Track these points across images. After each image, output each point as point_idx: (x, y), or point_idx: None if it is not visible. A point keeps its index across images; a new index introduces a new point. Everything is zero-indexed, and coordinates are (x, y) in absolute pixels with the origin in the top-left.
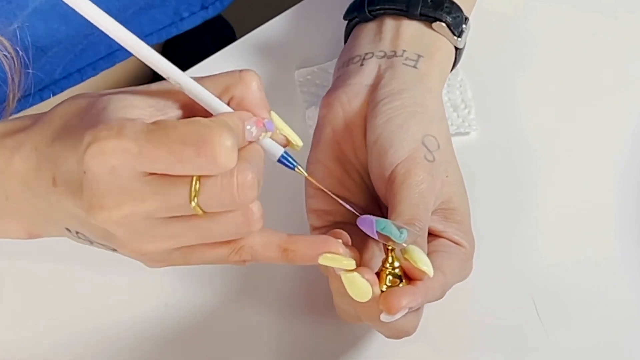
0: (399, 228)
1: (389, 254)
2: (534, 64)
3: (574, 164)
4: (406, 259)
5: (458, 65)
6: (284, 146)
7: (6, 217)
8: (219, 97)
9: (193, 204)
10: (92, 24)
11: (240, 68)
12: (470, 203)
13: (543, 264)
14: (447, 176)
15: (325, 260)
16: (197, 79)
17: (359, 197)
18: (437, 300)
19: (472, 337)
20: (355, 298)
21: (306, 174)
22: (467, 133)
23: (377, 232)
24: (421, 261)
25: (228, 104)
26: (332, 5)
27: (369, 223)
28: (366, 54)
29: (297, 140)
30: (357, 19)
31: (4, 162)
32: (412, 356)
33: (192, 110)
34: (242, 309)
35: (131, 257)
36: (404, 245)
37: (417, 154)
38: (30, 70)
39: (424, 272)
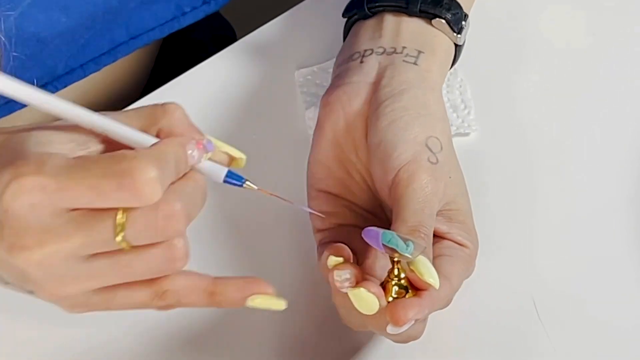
0: (404, 240)
1: (395, 266)
2: (534, 64)
3: (574, 164)
4: (412, 271)
5: (457, 66)
6: (228, 165)
7: None
8: (145, 131)
9: (119, 238)
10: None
11: (235, 71)
12: (471, 203)
13: (543, 265)
14: (450, 177)
15: (254, 302)
16: (118, 114)
17: (360, 197)
18: (444, 308)
19: (472, 338)
20: (362, 311)
21: (256, 187)
22: (467, 134)
23: (383, 244)
24: (427, 273)
25: (157, 136)
26: (333, 6)
27: (375, 235)
28: (365, 50)
29: (240, 155)
30: (356, 16)
31: None
32: (412, 356)
33: (114, 143)
34: (243, 309)
35: (50, 302)
36: (411, 257)
37: (420, 157)
38: (14, 54)
39: (429, 284)
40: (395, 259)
